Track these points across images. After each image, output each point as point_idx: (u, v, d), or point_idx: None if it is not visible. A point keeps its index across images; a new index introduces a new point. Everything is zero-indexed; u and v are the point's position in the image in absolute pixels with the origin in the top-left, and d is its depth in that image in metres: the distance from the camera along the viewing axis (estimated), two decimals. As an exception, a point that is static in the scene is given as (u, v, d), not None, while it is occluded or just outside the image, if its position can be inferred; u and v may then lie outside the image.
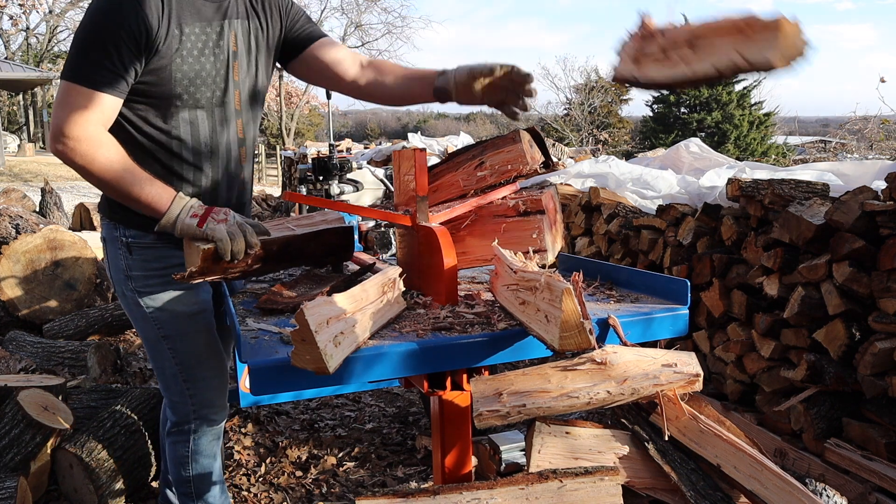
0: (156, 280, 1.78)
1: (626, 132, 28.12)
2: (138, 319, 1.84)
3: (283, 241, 1.64)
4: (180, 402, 1.89)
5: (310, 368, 1.15)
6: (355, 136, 36.29)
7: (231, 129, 1.80)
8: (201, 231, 1.52)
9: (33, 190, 10.35)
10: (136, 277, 1.78)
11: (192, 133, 1.73)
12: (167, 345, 1.82)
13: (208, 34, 1.69)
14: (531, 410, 1.35)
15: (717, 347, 3.15)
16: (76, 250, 4.37)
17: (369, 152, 10.60)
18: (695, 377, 1.34)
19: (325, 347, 1.13)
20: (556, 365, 1.38)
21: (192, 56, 1.66)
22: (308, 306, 1.13)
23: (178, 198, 1.58)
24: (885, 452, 2.35)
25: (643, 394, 1.33)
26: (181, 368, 1.84)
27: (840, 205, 2.50)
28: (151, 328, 1.82)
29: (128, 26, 1.55)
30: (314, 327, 1.12)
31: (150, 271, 1.77)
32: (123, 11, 1.55)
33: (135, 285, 1.79)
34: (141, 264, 1.77)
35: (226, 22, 1.72)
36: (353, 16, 26.21)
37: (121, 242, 1.78)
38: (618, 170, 4.28)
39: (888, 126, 13.42)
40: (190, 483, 1.99)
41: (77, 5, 26.25)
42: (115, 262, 1.81)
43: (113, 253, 1.81)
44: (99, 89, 1.56)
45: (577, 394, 1.34)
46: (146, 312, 1.80)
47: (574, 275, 1.25)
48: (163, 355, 1.84)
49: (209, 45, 1.69)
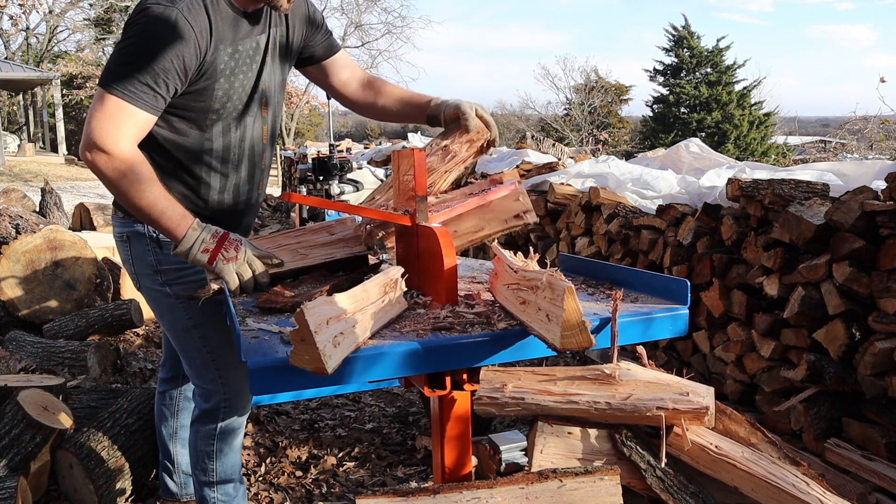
0: (186, 271, 1.84)
1: (626, 132, 28.13)
2: (167, 311, 1.90)
3: (295, 271, 1.70)
4: (213, 390, 1.94)
5: (308, 368, 1.15)
6: (355, 136, 36.31)
7: (258, 135, 1.87)
8: (211, 269, 1.60)
9: (33, 190, 10.35)
10: (166, 271, 1.86)
11: (223, 144, 1.80)
12: (197, 333, 1.88)
13: (245, 50, 1.74)
14: (529, 406, 1.36)
15: (717, 347, 3.15)
16: (76, 250, 4.37)
17: (369, 152, 10.61)
18: (703, 410, 1.32)
19: (324, 348, 1.13)
20: (566, 369, 1.38)
21: (233, 74, 1.72)
22: (308, 306, 1.13)
23: (192, 229, 1.63)
24: (885, 452, 2.35)
25: (645, 414, 1.33)
26: (212, 356, 1.90)
27: (840, 205, 2.50)
28: (181, 318, 1.88)
29: (182, 56, 1.58)
30: (313, 328, 1.12)
31: (181, 263, 1.82)
32: (181, 40, 1.57)
33: (165, 279, 1.86)
34: (171, 258, 1.81)
35: (261, 36, 1.78)
36: (353, 16, 26.20)
37: (149, 238, 1.84)
38: (618, 170, 4.28)
39: (888, 126, 13.43)
40: (213, 471, 2.02)
41: (77, 5, 26.26)
42: (141, 257, 1.87)
43: (139, 249, 1.87)
44: (141, 108, 1.59)
45: (578, 399, 1.35)
46: (176, 302, 1.86)
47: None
48: (193, 344, 1.90)
49: (246, 62, 1.75)
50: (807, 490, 1.33)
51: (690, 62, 25.73)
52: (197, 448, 2.02)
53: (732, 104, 24.52)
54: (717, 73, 25.34)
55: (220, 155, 1.81)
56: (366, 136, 37.89)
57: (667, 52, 26.51)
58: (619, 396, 1.34)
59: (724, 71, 25.34)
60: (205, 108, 1.72)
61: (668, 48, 26.44)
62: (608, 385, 1.35)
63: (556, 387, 1.36)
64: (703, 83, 25.28)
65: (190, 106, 1.71)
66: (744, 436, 1.47)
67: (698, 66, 25.67)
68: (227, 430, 1.99)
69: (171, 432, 2.34)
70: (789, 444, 2.66)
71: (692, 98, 25.09)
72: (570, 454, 1.38)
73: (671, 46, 26.29)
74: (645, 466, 1.36)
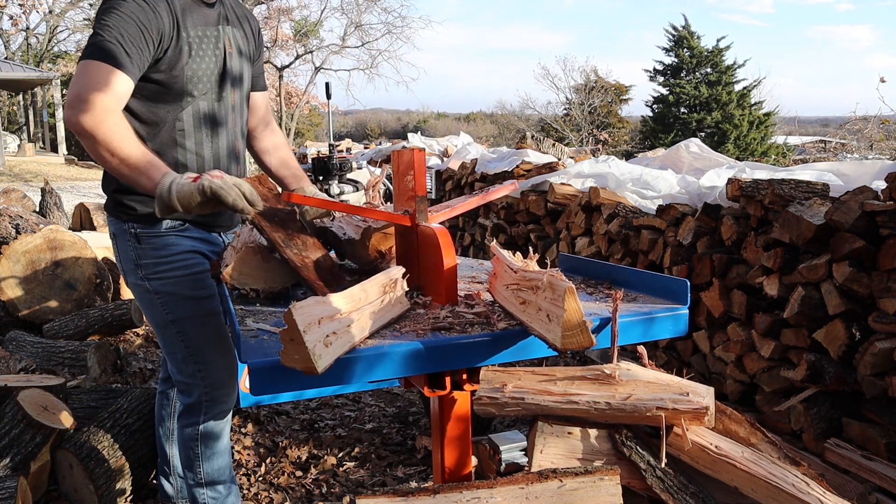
0: (164, 266, 1.90)
1: (626, 132, 28.11)
2: (148, 306, 1.95)
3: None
4: (193, 384, 1.98)
5: (298, 368, 1.14)
6: (355, 136, 36.30)
7: (228, 122, 1.96)
8: (197, 185, 1.56)
9: (33, 190, 10.34)
10: (145, 265, 1.90)
11: (195, 126, 1.88)
12: (175, 328, 1.93)
13: (209, 36, 1.86)
14: (529, 406, 1.36)
15: (717, 347, 3.15)
16: (76, 250, 4.37)
17: (369, 152, 10.60)
18: (703, 410, 1.32)
19: (313, 347, 1.13)
20: (566, 370, 1.38)
21: (199, 56, 1.82)
22: (297, 306, 1.13)
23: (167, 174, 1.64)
24: (885, 452, 2.35)
25: (645, 414, 1.33)
26: (191, 351, 1.94)
27: (840, 205, 2.50)
28: (160, 313, 1.93)
29: (151, 23, 1.72)
30: (302, 327, 1.12)
31: (159, 258, 1.89)
32: (146, 10, 1.71)
33: (144, 273, 1.91)
34: (150, 252, 1.89)
35: (220, 27, 1.90)
36: (353, 16, 26.16)
37: (130, 234, 1.90)
38: (618, 170, 4.28)
39: (888, 126, 13.43)
40: (201, 473, 2.05)
41: (77, 5, 26.24)
42: (125, 253, 1.93)
43: (123, 245, 1.93)
44: (117, 67, 1.66)
45: (578, 399, 1.35)
46: (155, 298, 1.91)
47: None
48: (172, 339, 1.95)
49: (210, 46, 1.86)
50: (807, 490, 1.33)
51: (690, 62, 25.71)
52: (183, 447, 2.06)
53: (732, 104, 24.49)
54: (717, 73, 25.32)
55: (195, 138, 1.89)
56: (366, 136, 37.90)
57: (667, 52, 26.50)
58: (619, 396, 1.34)
59: (724, 71, 25.33)
60: (178, 89, 1.81)
61: (668, 48, 26.43)
62: (608, 385, 1.35)
63: (556, 387, 1.36)
64: (703, 83, 25.26)
65: (164, 89, 1.80)
66: (744, 436, 1.47)
67: (698, 66, 25.66)
68: (210, 430, 2.02)
69: (167, 433, 2.35)
70: (789, 444, 2.66)
71: (692, 98, 25.06)
72: (570, 454, 1.38)
73: (671, 46, 26.28)
74: (645, 466, 1.36)
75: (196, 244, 1.93)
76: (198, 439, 2.02)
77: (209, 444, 2.03)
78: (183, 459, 2.08)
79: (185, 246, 1.90)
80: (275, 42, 24.85)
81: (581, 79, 28.37)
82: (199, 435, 2.01)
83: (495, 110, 36.92)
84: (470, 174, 6.04)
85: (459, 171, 6.31)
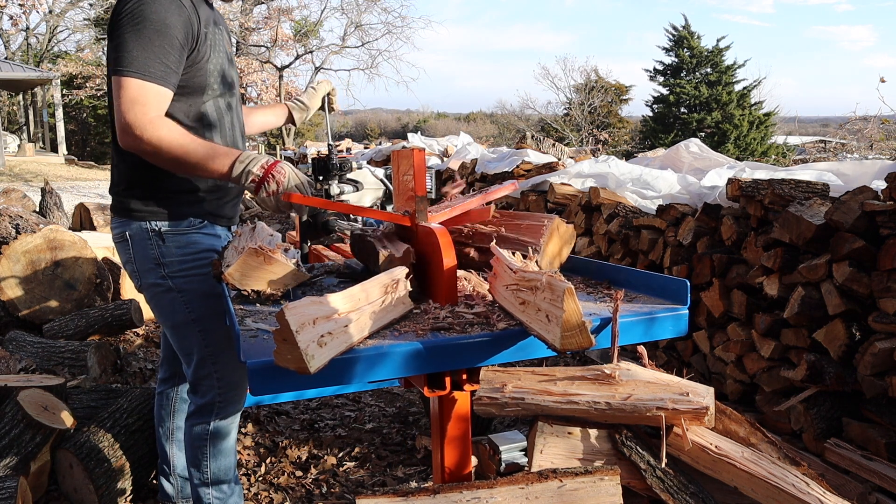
0: (189, 264, 1.91)
1: (626, 132, 28.12)
2: (167, 305, 1.95)
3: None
4: (208, 385, 1.98)
5: (291, 368, 1.14)
6: (355, 136, 36.30)
7: (237, 113, 2.03)
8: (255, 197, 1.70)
9: (33, 190, 10.35)
10: (169, 263, 1.91)
11: (215, 119, 1.93)
12: (198, 327, 1.93)
13: (216, 32, 1.92)
14: (529, 406, 1.35)
15: (717, 347, 3.15)
16: (76, 250, 4.37)
17: (369, 152, 10.60)
18: (702, 410, 1.32)
19: (306, 348, 1.13)
20: (566, 370, 1.38)
21: (216, 52, 1.88)
22: (289, 306, 1.13)
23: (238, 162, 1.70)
24: (885, 452, 2.35)
25: (645, 414, 1.33)
26: (210, 350, 1.94)
27: (840, 205, 2.50)
28: (182, 312, 1.93)
29: (182, 29, 1.74)
30: (295, 327, 1.12)
31: (183, 256, 1.91)
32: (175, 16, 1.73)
33: (168, 271, 1.91)
34: (174, 250, 1.90)
35: (220, 27, 1.97)
36: (353, 16, 26.17)
37: (151, 233, 1.90)
38: (618, 170, 4.28)
39: (888, 126, 13.43)
40: (207, 471, 2.04)
41: (77, 5, 26.24)
42: (143, 252, 1.92)
43: (141, 245, 1.92)
44: (158, 83, 1.70)
45: (578, 400, 1.35)
46: (178, 296, 1.92)
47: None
48: (192, 338, 1.94)
49: (222, 43, 1.93)
50: (807, 490, 1.33)
51: (690, 62, 25.71)
52: (191, 446, 2.04)
53: (732, 104, 24.48)
54: (717, 73, 25.32)
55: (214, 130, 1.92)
56: (366, 136, 37.89)
57: (667, 52, 26.50)
58: (619, 396, 1.34)
59: (724, 71, 25.32)
60: (202, 83, 1.85)
61: (668, 48, 26.43)
62: (608, 385, 1.35)
63: (556, 387, 1.36)
64: (703, 83, 25.25)
65: (189, 84, 1.82)
66: (744, 436, 1.46)
67: (698, 66, 25.65)
68: (220, 429, 2.01)
69: (167, 433, 2.35)
70: (789, 444, 2.66)
71: (692, 98, 25.06)
72: (570, 454, 1.38)
73: (671, 46, 26.27)
74: (645, 466, 1.36)
75: (213, 242, 1.96)
76: (207, 439, 2.01)
77: (217, 443, 2.02)
78: (189, 458, 2.07)
79: (205, 244, 1.93)
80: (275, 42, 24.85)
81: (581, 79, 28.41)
82: (209, 434, 2.01)
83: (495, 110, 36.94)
84: (470, 174, 6.05)
85: (459, 171, 6.31)
